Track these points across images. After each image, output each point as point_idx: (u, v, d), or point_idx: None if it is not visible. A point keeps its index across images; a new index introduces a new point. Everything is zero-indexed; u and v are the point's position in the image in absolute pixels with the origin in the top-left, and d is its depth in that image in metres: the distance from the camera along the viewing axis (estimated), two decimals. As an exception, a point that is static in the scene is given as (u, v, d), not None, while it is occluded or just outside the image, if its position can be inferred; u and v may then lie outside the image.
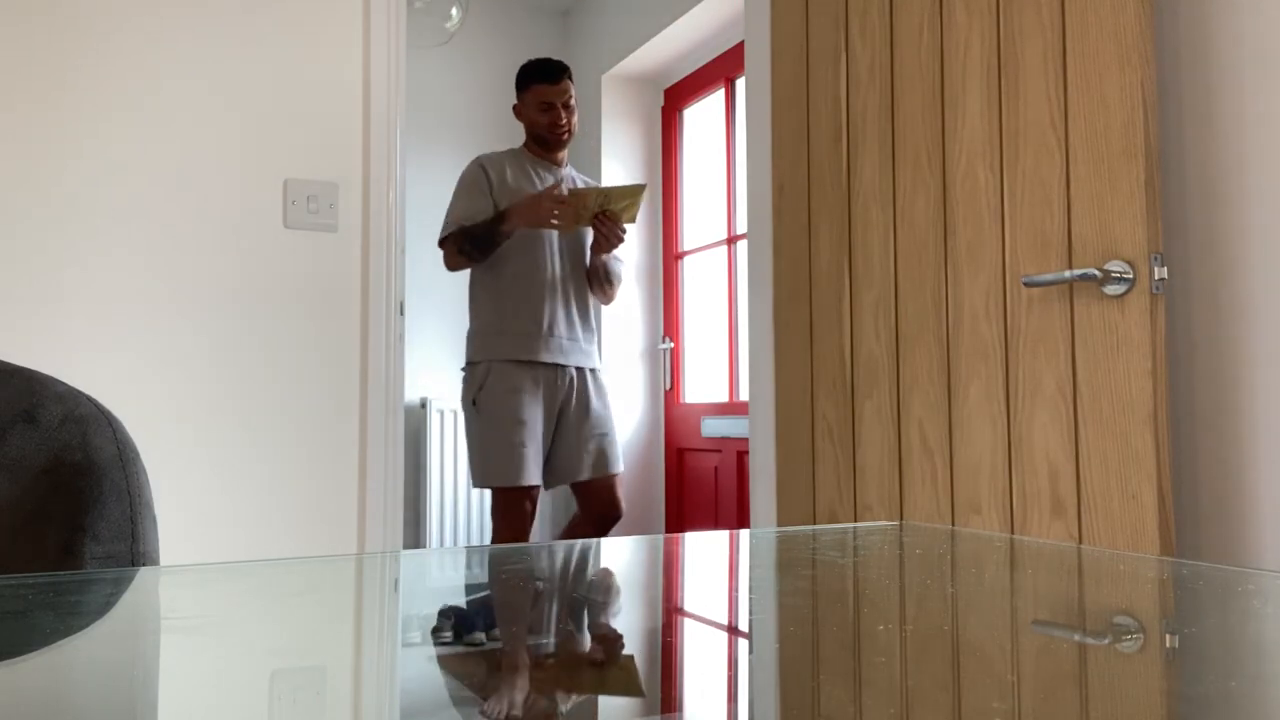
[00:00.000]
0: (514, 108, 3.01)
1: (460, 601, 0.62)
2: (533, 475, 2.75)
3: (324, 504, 2.30)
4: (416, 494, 4.05)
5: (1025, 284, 1.63)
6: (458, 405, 4.09)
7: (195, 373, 2.21)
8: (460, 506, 4.08)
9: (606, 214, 2.78)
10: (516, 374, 2.76)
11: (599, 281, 2.96)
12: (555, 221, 2.71)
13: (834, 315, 2.10)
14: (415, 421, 4.02)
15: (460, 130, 4.30)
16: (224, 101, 2.27)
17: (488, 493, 4.21)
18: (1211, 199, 1.55)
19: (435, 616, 0.56)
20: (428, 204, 4.18)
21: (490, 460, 2.75)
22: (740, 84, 3.69)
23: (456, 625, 0.53)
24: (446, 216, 2.86)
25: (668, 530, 4.02)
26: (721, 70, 3.82)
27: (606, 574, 0.71)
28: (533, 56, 4.50)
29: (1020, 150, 1.70)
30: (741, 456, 3.50)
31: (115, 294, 2.16)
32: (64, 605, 0.54)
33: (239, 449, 2.23)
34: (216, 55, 2.27)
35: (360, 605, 0.60)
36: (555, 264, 2.84)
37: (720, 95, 3.89)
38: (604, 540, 0.84)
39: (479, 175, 2.90)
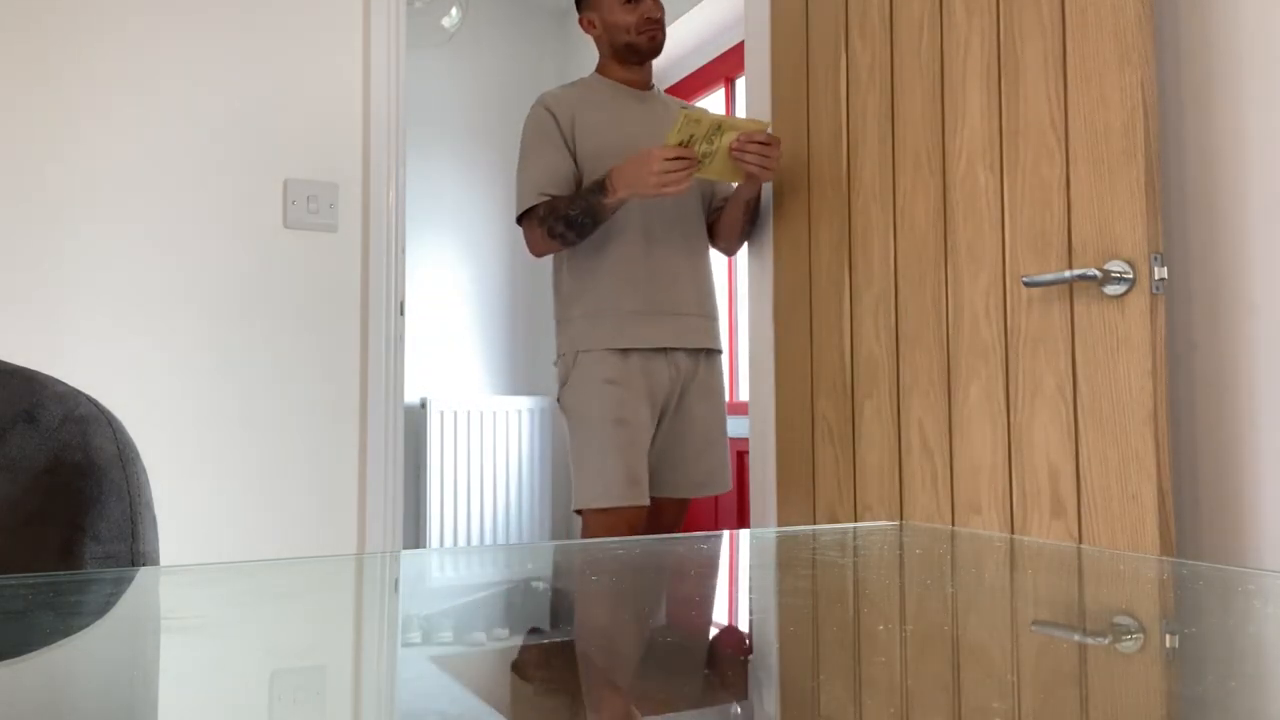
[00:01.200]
0: (581, 22, 2.34)
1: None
2: (631, 492, 2.07)
3: (324, 504, 2.30)
4: (416, 494, 4.05)
5: (1025, 284, 1.63)
6: (458, 405, 4.09)
7: (195, 373, 2.21)
8: (461, 507, 4.08)
9: (744, 139, 2.06)
10: (610, 362, 2.13)
11: (739, 226, 2.29)
12: (674, 185, 1.97)
13: (834, 315, 2.10)
14: (415, 421, 4.02)
15: (460, 130, 4.31)
16: (224, 101, 2.27)
17: (488, 493, 4.22)
18: (1211, 199, 1.55)
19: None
20: (428, 204, 4.18)
21: (580, 474, 2.12)
22: (740, 84, 3.69)
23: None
24: (519, 185, 2.20)
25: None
26: (721, 70, 3.82)
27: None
28: (532, 56, 4.51)
29: (1020, 150, 1.70)
30: (741, 456, 3.50)
31: (115, 294, 2.16)
32: (64, 605, 0.54)
33: (239, 449, 2.23)
34: (216, 55, 2.27)
35: (360, 605, 0.60)
36: (656, 220, 2.19)
37: (720, 95, 3.89)
38: (600, 541, 0.84)
39: (545, 122, 2.20)
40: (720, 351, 2.31)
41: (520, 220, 2.22)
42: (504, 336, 4.31)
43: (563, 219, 2.11)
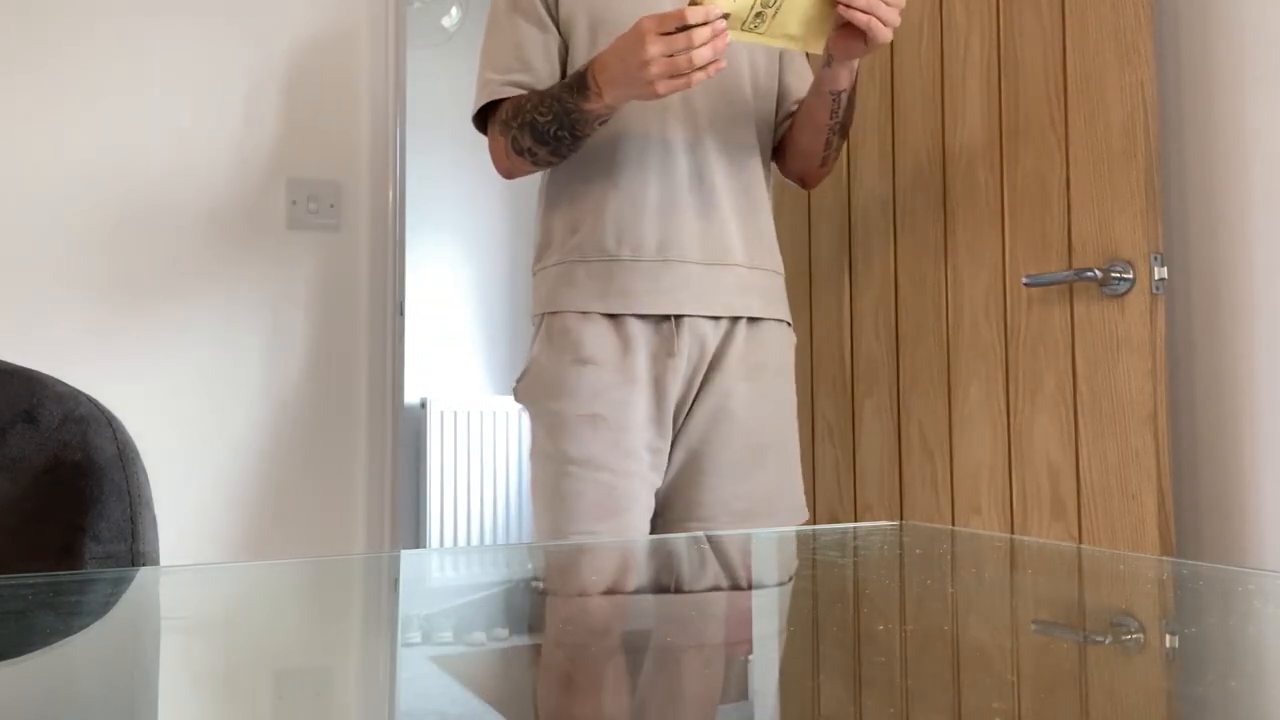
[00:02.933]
0: None
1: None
2: (610, 527, 1.41)
3: (324, 504, 2.30)
4: (416, 494, 4.06)
5: (1025, 284, 1.63)
6: (458, 405, 4.08)
7: (195, 373, 2.21)
8: (461, 508, 4.08)
9: None
10: (589, 332, 1.45)
11: (823, 134, 1.52)
12: (685, 78, 1.24)
13: (834, 315, 2.10)
14: (415, 422, 4.02)
15: (460, 130, 4.30)
16: (225, 101, 2.27)
17: (488, 493, 4.22)
18: (1211, 199, 1.55)
19: (433, 619, 0.56)
20: (428, 204, 4.19)
21: (537, 498, 1.48)
22: (740, 84, 3.68)
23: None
24: (480, 72, 1.55)
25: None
26: (721, 70, 3.81)
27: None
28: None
29: (1020, 150, 1.70)
30: (741, 456, 3.49)
31: (116, 294, 2.16)
32: (64, 605, 0.54)
33: (239, 449, 2.23)
34: (217, 54, 2.27)
35: (360, 605, 0.60)
36: (684, 114, 1.48)
37: (720, 95, 3.88)
38: (600, 541, 0.84)
39: None
40: (782, 321, 1.56)
41: (480, 124, 1.55)
42: (504, 336, 4.31)
43: (529, 128, 1.42)
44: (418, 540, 4.00)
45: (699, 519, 1.47)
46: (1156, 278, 1.48)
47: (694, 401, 1.47)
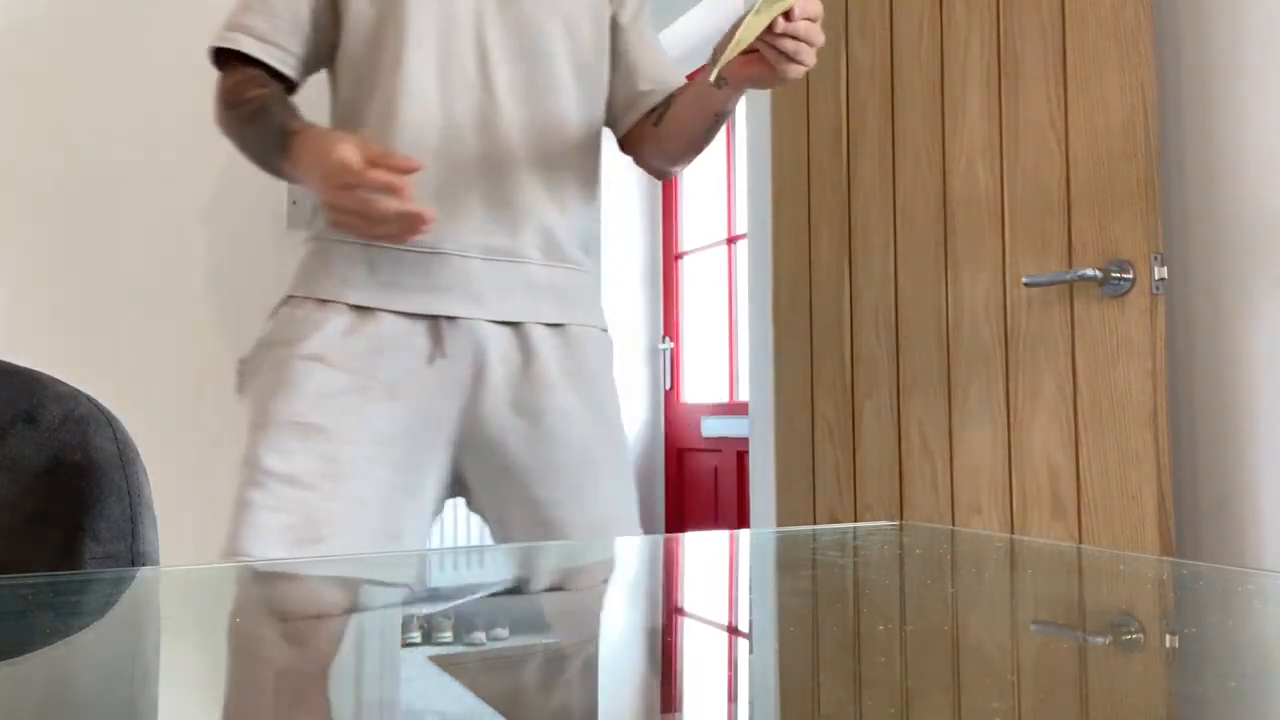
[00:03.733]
0: None
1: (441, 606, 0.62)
2: (295, 552, 1.20)
3: (324, 504, 2.30)
4: (416, 494, 4.05)
5: (1025, 284, 1.63)
6: (457, 405, 4.06)
7: (196, 373, 2.21)
8: (461, 507, 4.08)
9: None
10: (331, 328, 1.22)
11: (699, 141, 1.35)
12: (369, 226, 1.08)
13: (834, 315, 2.10)
14: (415, 421, 4.01)
15: (460, 130, 4.30)
16: (224, 101, 2.27)
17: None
18: (1211, 199, 1.55)
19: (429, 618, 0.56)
20: (428, 204, 4.19)
21: (234, 508, 1.25)
22: (740, 84, 3.68)
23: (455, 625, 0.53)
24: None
25: (667, 531, 4.02)
26: (721, 70, 3.82)
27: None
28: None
29: (1020, 150, 1.70)
30: (741, 456, 3.50)
31: (116, 293, 2.16)
32: (64, 605, 0.54)
33: (239, 449, 2.23)
34: (216, 55, 2.27)
35: (361, 605, 0.60)
36: (470, 101, 1.25)
37: (720, 95, 3.88)
38: (598, 540, 0.84)
39: None
40: (594, 327, 1.35)
41: (217, 65, 1.35)
42: (504, 336, 4.31)
43: (237, 127, 1.26)
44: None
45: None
46: (1156, 278, 1.48)
47: (490, 423, 1.26)
